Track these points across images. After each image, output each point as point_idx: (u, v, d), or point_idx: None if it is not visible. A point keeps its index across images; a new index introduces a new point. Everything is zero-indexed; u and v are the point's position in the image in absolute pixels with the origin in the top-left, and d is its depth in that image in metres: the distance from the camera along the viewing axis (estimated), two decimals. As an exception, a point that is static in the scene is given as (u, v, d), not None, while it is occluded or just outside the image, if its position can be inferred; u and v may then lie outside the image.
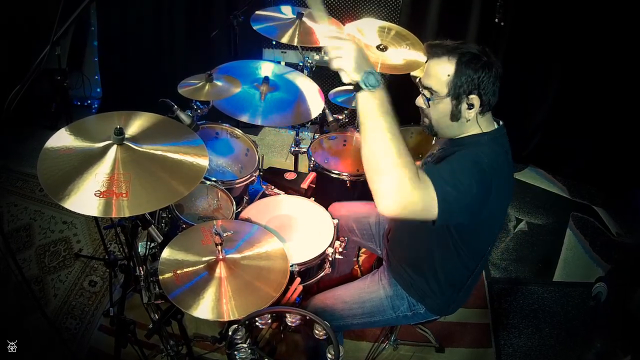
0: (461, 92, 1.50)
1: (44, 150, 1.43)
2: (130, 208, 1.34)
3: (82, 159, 1.42)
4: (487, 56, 1.51)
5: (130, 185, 1.38)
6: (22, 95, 1.38)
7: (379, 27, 2.89)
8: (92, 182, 1.36)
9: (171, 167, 1.49)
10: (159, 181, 1.43)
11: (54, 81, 3.51)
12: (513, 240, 3.28)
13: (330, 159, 2.88)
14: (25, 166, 3.49)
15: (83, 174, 1.38)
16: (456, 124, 1.58)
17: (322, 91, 2.61)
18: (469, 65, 1.47)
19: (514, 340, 2.63)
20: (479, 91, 1.49)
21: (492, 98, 1.52)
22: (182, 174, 1.48)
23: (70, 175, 1.37)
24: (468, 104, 1.52)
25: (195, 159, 1.54)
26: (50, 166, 1.40)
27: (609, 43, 3.20)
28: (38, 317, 2.41)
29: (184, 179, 1.46)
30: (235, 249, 1.80)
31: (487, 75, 1.48)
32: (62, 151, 1.44)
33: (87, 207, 1.32)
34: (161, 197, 1.40)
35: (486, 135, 1.57)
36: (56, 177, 1.38)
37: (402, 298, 1.89)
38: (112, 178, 1.38)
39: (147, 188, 1.39)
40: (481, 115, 1.56)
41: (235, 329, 1.53)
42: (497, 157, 1.51)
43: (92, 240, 2.98)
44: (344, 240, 2.16)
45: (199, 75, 2.27)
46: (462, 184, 1.36)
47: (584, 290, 2.91)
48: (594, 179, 3.74)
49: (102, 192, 1.34)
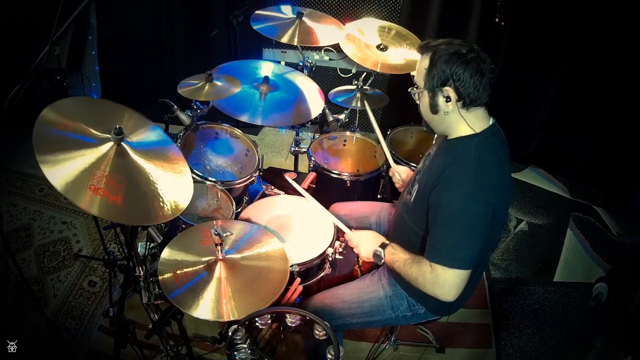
0: (434, 84, 1.57)
1: (42, 115, 1.41)
2: (122, 216, 1.36)
3: (78, 142, 1.42)
4: (472, 52, 1.53)
5: (124, 191, 1.39)
6: (21, 95, 1.38)
7: (379, 27, 2.90)
8: (81, 164, 1.37)
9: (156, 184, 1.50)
10: (146, 196, 1.44)
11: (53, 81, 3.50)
12: (513, 241, 3.27)
13: (330, 159, 2.88)
14: (25, 166, 3.49)
15: (73, 152, 1.38)
16: (437, 117, 1.63)
17: (322, 91, 2.61)
18: (440, 58, 1.54)
19: (514, 340, 2.62)
20: (454, 83, 1.53)
21: (473, 92, 1.54)
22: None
23: (62, 147, 1.37)
24: (444, 96, 1.57)
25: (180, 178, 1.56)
26: (45, 131, 1.39)
27: (610, 43, 3.19)
28: (37, 317, 2.41)
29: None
30: (235, 249, 1.80)
31: (462, 68, 1.51)
32: (60, 126, 1.43)
33: (79, 198, 1.33)
34: (150, 213, 1.42)
35: (476, 137, 1.59)
36: (49, 146, 1.37)
37: (402, 298, 1.89)
38: (107, 176, 1.39)
39: (139, 199, 1.41)
40: (465, 110, 1.58)
41: (235, 330, 1.53)
42: (484, 162, 1.54)
43: (91, 241, 2.98)
44: (344, 240, 2.14)
45: (198, 75, 2.27)
46: (465, 231, 1.53)
47: (585, 291, 2.91)
48: (594, 179, 3.73)
49: (96, 188, 1.36)
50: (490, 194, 1.51)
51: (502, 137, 1.67)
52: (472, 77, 1.52)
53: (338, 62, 3.47)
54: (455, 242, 1.52)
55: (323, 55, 3.21)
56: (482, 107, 1.60)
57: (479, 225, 1.52)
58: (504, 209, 1.67)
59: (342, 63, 3.47)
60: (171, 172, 1.57)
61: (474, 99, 1.55)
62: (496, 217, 1.56)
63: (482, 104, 1.59)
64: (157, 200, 1.48)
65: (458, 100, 1.56)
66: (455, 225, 1.53)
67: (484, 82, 1.54)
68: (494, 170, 1.56)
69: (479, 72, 1.52)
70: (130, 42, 3.77)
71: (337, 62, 3.48)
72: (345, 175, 2.52)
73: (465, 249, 1.52)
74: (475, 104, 1.57)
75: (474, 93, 1.54)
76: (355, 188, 2.58)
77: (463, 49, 1.53)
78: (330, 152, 2.89)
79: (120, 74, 3.93)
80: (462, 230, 1.52)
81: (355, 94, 2.83)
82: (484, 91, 1.55)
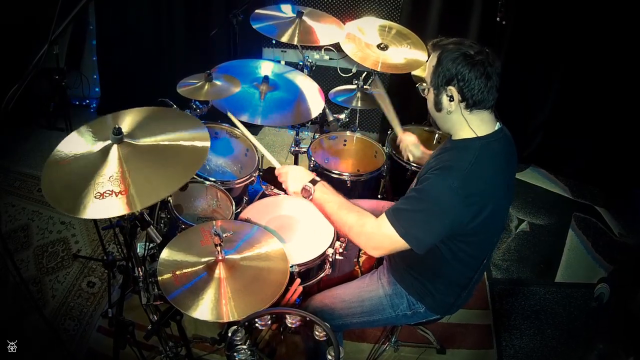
0: (439, 82, 1.57)
1: (45, 169, 1.43)
2: (140, 200, 1.34)
3: (85, 166, 1.42)
4: (480, 54, 1.52)
5: (133, 179, 1.37)
6: (20, 94, 1.38)
7: (380, 26, 2.89)
8: (102, 185, 1.36)
9: (173, 154, 1.48)
10: (163, 169, 1.43)
11: (52, 80, 3.50)
12: (515, 241, 3.26)
13: (330, 159, 2.87)
14: (24, 166, 3.48)
15: (89, 181, 1.37)
16: (441, 115, 1.64)
17: (322, 90, 2.60)
18: (448, 58, 1.54)
19: (515, 341, 2.61)
20: (458, 84, 1.53)
21: (477, 94, 1.53)
22: (185, 158, 1.47)
23: (77, 186, 1.36)
24: (448, 95, 1.57)
25: (195, 142, 1.52)
26: (54, 180, 1.40)
27: (611, 42, 3.19)
28: (36, 318, 2.40)
29: (188, 163, 1.46)
30: (234, 250, 1.79)
31: (468, 69, 1.51)
32: (64, 162, 1.44)
33: (103, 211, 1.32)
34: (167, 184, 1.40)
35: (478, 141, 1.58)
36: (65, 192, 1.38)
37: (402, 297, 1.89)
38: (119, 177, 1.38)
39: (152, 179, 1.39)
40: (469, 111, 1.57)
41: (235, 330, 1.52)
42: (481, 167, 1.52)
43: (90, 241, 2.97)
44: (344, 241, 2.14)
45: (198, 74, 2.26)
46: (429, 214, 1.53)
47: (586, 291, 2.90)
48: (596, 178, 3.73)
49: (115, 193, 1.34)
50: (475, 197, 1.51)
51: (508, 142, 1.66)
52: (477, 79, 1.51)
53: (338, 61, 3.47)
54: (418, 218, 1.54)
55: (323, 54, 3.20)
56: (488, 110, 1.59)
57: (444, 218, 1.52)
58: (496, 212, 1.63)
59: (343, 62, 3.46)
60: (178, 127, 1.57)
61: (478, 101, 1.54)
62: (486, 218, 1.55)
63: (487, 108, 1.58)
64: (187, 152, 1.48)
65: (461, 100, 1.56)
66: (426, 204, 1.53)
67: (490, 86, 1.53)
68: (487, 176, 1.55)
69: (485, 74, 1.51)
70: (129, 41, 3.76)
71: (338, 62, 3.47)
72: (346, 175, 2.51)
73: (419, 229, 1.53)
74: (479, 107, 1.56)
75: (478, 95, 1.53)
76: (356, 188, 2.57)
77: (472, 50, 1.52)
78: (330, 152, 2.88)
79: (120, 73, 3.93)
80: (427, 212, 1.53)
81: (355, 93, 2.82)
82: (489, 95, 1.55)
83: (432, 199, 1.52)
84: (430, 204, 1.53)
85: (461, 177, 1.50)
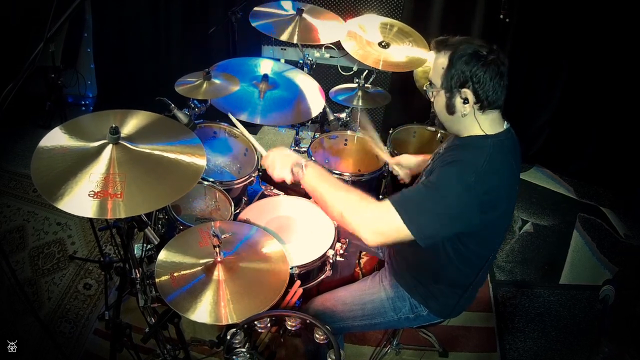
0: (452, 85, 1.52)
1: (37, 150, 1.44)
2: (125, 209, 1.34)
3: (77, 159, 1.43)
4: (491, 53, 1.49)
5: (126, 186, 1.38)
6: (15, 93, 1.38)
7: (381, 24, 2.87)
8: (87, 182, 1.37)
9: (168, 167, 1.49)
10: (156, 181, 1.43)
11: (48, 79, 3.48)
12: (518, 242, 3.24)
13: (330, 158, 2.85)
14: (19, 166, 3.46)
15: (77, 174, 1.38)
16: (453, 118, 1.59)
17: (322, 89, 2.58)
18: (461, 59, 1.49)
19: (519, 344, 2.59)
20: (473, 86, 1.49)
21: (491, 95, 1.50)
22: (180, 173, 1.49)
23: (64, 176, 1.38)
24: (462, 98, 1.52)
25: (193, 158, 1.55)
26: (43, 166, 1.41)
27: (616, 40, 3.19)
28: (32, 320, 2.39)
29: (181, 179, 1.47)
30: (233, 251, 1.78)
31: (483, 71, 1.47)
32: (57, 150, 1.44)
33: (81, 208, 1.32)
34: (157, 198, 1.41)
35: (490, 139, 1.55)
36: (50, 177, 1.38)
37: (404, 299, 1.87)
38: (107, 178, 1.39)
39: (143, 189, 1.39)
40: (481, 112, 1.54)
41: (234, 333, 1.51)
42: (495, 164, 1.50)
43: (86, 242, 2.95)
44: (345, 242, 2.13)
45: (196, 72, 2.25)
46: (440, 205, 1.46)
47: (591, 293, 2.88)
48: (601, 178, 3.72)
49: (96, 193, 1.35)
50: (490, 195, 1.47)
51: (514, 142, 1.63)
52: (492, 80, 1.48)
53: (339, 59, 3.45)
54: (426, 207, 1.47)
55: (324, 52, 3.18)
56: (498, 110, 1.57)
57: (455, 211, 1.47)
58: (506, 210, 1.63)
59: (343, 60, 3.44)
60: (179, 138, 1.61)
61: (492, 101, 1.51)
62: (497, 217, 1.53)
63: (499, 107, 1.55)
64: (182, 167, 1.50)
65: (476, 102, 1.52)
66: (437, 195, 1.48)
67: (503, 85, 1.51)
68: (501, 172, 1.53)
69: (499, 74, 1.49)
70: (126, 40, 3.76)
71: (338, 60, 3.46)
72: (347, 175, 2.49)
73: (426, 219, 1.47)
74: (492, 107, 1.53)
75: (493, 96, 1.50)
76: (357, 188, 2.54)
77: (483, 49, 1.49)
78: (331, 152, 2.86)
79: (116, 72, 3.92)
80: (438, 203, 1.47)
81: (356, 92, 2.79)
82: (502, 94, 1.52)
83: (444, 191, 1.47)
84: (443, 195, 1.47)
85: (476, 172, 1.46)
